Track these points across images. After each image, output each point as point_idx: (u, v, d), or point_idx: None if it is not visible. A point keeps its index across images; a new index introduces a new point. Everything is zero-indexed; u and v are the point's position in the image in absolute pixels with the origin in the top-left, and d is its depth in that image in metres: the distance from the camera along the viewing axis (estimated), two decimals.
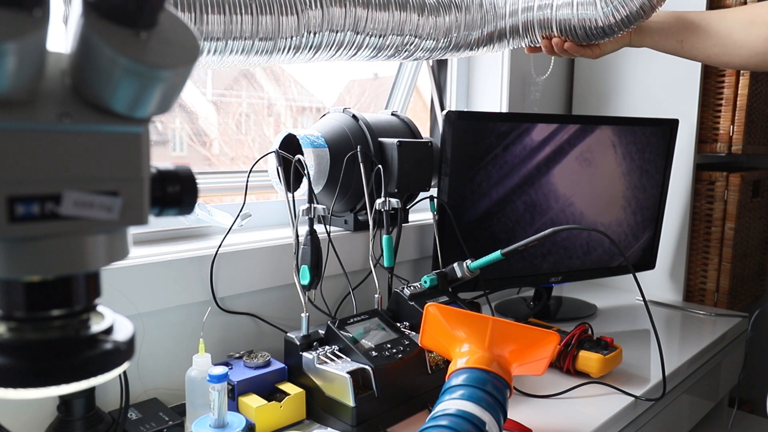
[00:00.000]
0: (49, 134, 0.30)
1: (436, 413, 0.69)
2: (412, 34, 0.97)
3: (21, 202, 0.29)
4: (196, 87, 1.20)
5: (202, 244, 0.97)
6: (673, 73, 1.50)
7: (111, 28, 0.29)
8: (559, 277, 1.34)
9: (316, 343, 0.88)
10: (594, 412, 0.90)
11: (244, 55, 0.83)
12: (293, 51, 0.86)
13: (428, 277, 1.02)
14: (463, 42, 1.04)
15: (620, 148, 1.34)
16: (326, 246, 1.05)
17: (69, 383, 0.32)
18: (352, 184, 1.09)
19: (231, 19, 0.79)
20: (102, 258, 0.33)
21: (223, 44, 0.79)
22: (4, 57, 0.26)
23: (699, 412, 1.30)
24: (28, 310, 0.33)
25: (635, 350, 1.15)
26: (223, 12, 0.78)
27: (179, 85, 0.32)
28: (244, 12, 0.80)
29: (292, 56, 0.88)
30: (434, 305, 0.81)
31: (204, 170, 1.18)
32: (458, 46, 1.04)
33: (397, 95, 1.51)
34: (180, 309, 0.91)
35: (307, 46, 0.87)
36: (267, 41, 0.83)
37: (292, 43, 0.85)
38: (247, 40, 0.81)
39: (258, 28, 0.81)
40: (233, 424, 0.77)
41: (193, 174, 0.38)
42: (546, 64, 1.62)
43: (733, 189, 1.48)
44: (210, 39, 0.78)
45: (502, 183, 1.20)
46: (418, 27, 0.97)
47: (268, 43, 0.83)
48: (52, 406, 0.74)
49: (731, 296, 1.52)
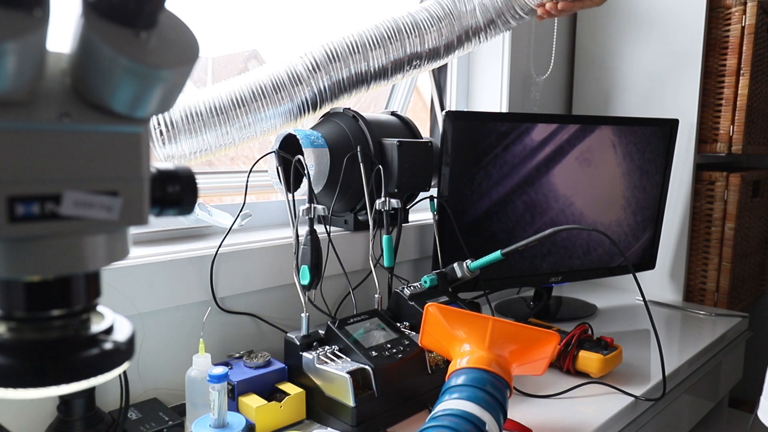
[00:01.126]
0: (49, 134, 0.30)
1: (436, 413, 0.69)
2: (415, 58, 1.07)
3: (21, 202, 0.29)
4: (196, 87, 1.20)
5: (202, 244, 0.97)
6: (673, 73, 1.50)
7: (111, 28, 0.29)
8: (559, 277, 1.34)
9: (316, 343, 0.88)
10: (594, 412, 0.90)
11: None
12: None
13: (428, 277, 1.02)
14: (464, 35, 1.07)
15: (620, 148, 1.34)
16: (326, 246, 1.05)
17: (69, 383, 0.32)
18: (352, 184, 1.09)
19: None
20: (102, 258, 0.33)
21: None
22: (4, 57, 0.26)
23: (699, 412, 1.30)
24: (28, 310, 0.33)
25: (635, 350, 1.15)
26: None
27: (179, 85, 0.32)
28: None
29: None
30: (434, 305, 0.81)
31: (204, 170, 1.18)
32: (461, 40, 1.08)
33: (397, 95, 1.51)
34: (180, 309, 0.91)
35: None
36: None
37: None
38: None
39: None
40: (233, 424, 0.77)
41: (193, 174, 0.38)
42: (546, 64, 1.62)
43: (733, 189, 1.48)
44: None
45: (502, 183, 1.20)
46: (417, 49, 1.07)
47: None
48: (52, 406, 0.74)
49: (731, 296, 1.52)
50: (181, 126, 0.91)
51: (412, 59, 1.06)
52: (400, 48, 1.05)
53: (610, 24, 1.62)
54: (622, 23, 1.60)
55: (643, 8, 1.56)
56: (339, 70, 1.01)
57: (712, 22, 1.46)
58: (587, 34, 1.67)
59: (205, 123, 0.92)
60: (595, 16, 1.65)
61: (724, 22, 1.45)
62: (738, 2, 1.42)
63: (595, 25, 1.65)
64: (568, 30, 1.70)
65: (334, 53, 1.01)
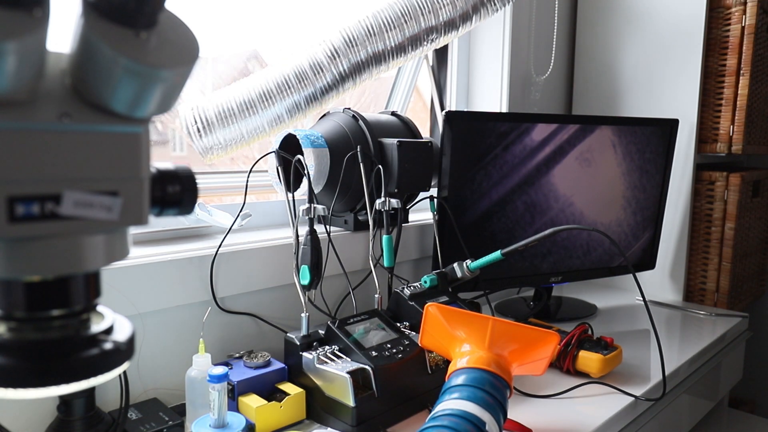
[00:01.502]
0: (49, 134, 0.30)
1: (436, 413, 0.69)
2: (432, 32, 1.11)
3: (21, 202, 0.29)
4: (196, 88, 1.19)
5: (202, 244, 0.97)
6: (673, 73, 1.50)
7: (111, 28, 0.29)
8: (559, 277, 1.34)
9: (316, 343, 0.88)
10: (594, 412, 0.90)
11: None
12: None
13: (428, 277, 1.02)
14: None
15: (620, 148, 1.34)
16: (326, 246, 1.05)
17: (69, 383, 0.32)
18: (352, 184, 1.09)
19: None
20: (102, 258, 0.33)
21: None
22: (4, 57, 0.26)
23: (699, 412, 1.30)
24: (28, 310, 0.33)
25: (635, 350, 1.15)
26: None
27: (179, 85, 0.32)
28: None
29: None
30: (434, 305, 0.81)
31: (204, 170, 1.18)
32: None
33: (397, 95, 1.51)
34: (180, 309, 0.91)
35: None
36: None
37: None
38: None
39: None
40: (233, 424, 0.77)
41: (193, 174, 0.38)
42: (546, 64, 1.62)
43: (733, 189, 1.48)
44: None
45: (502, 183, 1.20)
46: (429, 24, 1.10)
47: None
48: (52, 406, 0.74)
49: (731, 296, 1.52)
50: (215, 122, 0.99)
51: (429, 33, 1.09)
52: (415, 25, 1.08)
53: (610, 24, 1.62)
54: (622, 23, 1.60)
55: (643, 8, 1.56)
56: (357, 53, 1.07)
57: (712, 22, 1.46)
58: (587, 34, 1.67)
59: (236, 117, 1.01)
60: (596, 16, 1.65)
61: (724, 22, 1.45)
62: (738, 2, 1.42)
63: (596, 25, 1.65)
64: (568, 30, 1.70)
65: (352, 38, 1.06)
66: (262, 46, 1.28)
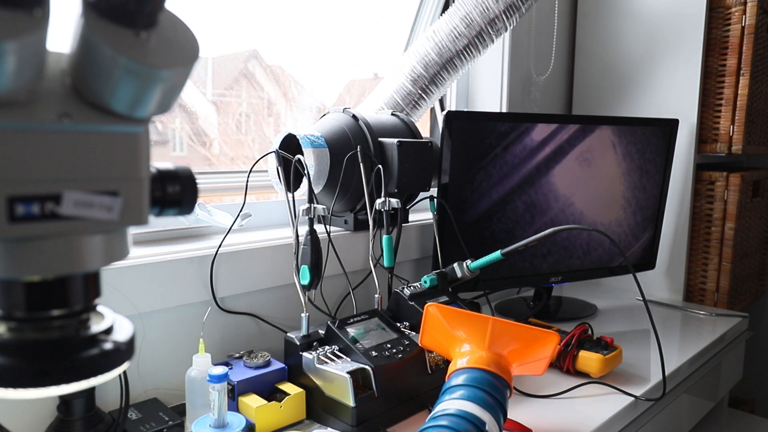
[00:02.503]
0: (50, 134, 0.30)
1: (436, 413, 0.69)
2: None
3: (21, 202, 0.29)
4: (196, 87, 1.19)
5: (202, 244, 0.97)
6: (673, 73, 1.50)
7: (111, 28, 0.29)
8: (559, 277, 1.34)
9: (316, 343, 0.88)
10: (594, 412, 0.90)
11: None
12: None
13: (428, 277, 1.02)
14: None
15: (620, 148, 1.34)
16: (326, 246, 1.05)
17: (69, 383, 0.32)
18: (352, 184, 1.09)
19: None
20: (102, 258, 0.33)
21: None
22: (4, 57, 0.26)
23: (699, 412, 1.30)
24: (28, 310, 0.33)
25: (635, 350, 1.15)
26: None
27: (179, 85, 0.32)
28: None
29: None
30: (434, 305, 0.81)
31: (204, 170, 1.18)
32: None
33: None
34: (180, 309, 0.91)
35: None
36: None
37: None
38: None
39: None
40: (233, 424, 0.77)
41: (193, 174, 0.38)
42: (546, 64, 1.62)
43: (733, 189, 1.48)
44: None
45: (502, 183, 1.20)
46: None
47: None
48: (52, 406, 0.74)
49: (731, 296, 1.52)
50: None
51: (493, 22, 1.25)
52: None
53: (610, 24, 1.62)
54: (622, 23, 1.60)
55: (643, 8, 1.56)
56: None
57: (712, 22, 1.46)
58: (587, 34, 1.67)
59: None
60: (596, 16, 1.65)
61: (724, 22, 1.45)
62: (738, 2, 1.42)
63: (596, 25, 1.65)
64: (568, 30, 1.70)
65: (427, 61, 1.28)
66: (262, 46, 1.28)
